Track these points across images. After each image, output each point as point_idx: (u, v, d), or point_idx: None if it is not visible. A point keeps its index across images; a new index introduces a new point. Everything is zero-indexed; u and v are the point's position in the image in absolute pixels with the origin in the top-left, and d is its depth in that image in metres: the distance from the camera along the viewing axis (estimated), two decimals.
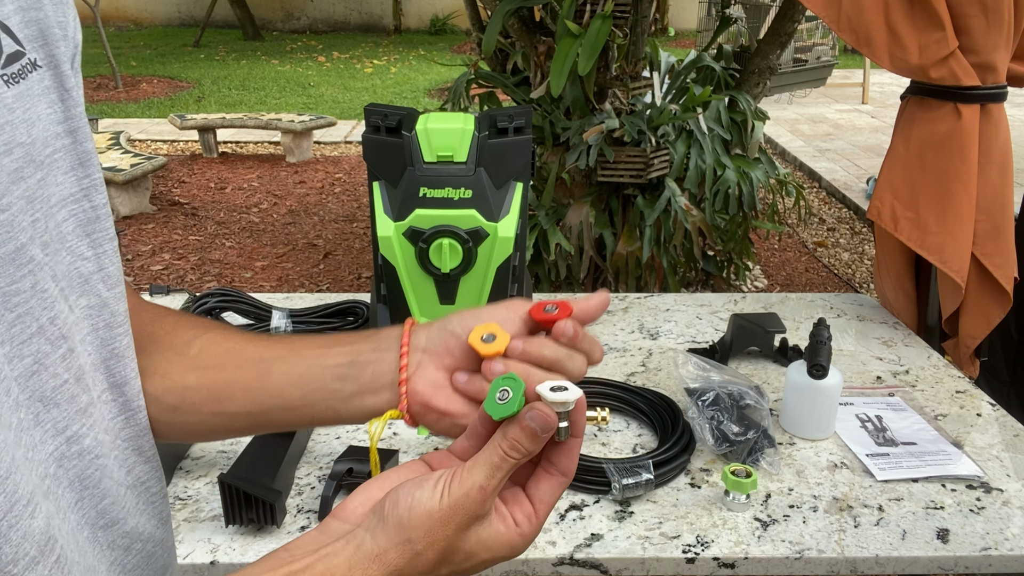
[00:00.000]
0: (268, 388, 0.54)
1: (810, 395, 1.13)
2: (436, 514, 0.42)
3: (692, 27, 11.42)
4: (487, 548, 0.45)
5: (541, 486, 0.47)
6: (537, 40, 2.92)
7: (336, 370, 0.54)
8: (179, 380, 0.55)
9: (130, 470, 0.50)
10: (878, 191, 1.52)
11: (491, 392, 0.45)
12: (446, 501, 0.43)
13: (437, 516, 0.42)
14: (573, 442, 0.46)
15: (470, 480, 0.43)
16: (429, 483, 0.43)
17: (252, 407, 0.55)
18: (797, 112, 7.81)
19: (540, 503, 0.46)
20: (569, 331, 0.50)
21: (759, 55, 3.26)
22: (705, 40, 6.36)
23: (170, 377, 0.55)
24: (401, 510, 0.43)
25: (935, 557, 0.93)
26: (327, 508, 0.95)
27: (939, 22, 1.33)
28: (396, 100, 8.16)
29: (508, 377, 0.46)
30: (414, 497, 0.43)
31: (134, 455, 0.50)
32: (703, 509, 0.99)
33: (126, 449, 0.49)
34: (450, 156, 1.06)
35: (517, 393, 0.45)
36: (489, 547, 0.45)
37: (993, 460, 1.10)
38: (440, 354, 0.53)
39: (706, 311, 1.58)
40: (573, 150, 2.87)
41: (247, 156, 6.20)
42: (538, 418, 0.43)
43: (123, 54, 10.41)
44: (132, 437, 0.50)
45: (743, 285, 3.84)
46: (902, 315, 1.57)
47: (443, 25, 13.49)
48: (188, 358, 0.55)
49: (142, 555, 0.51)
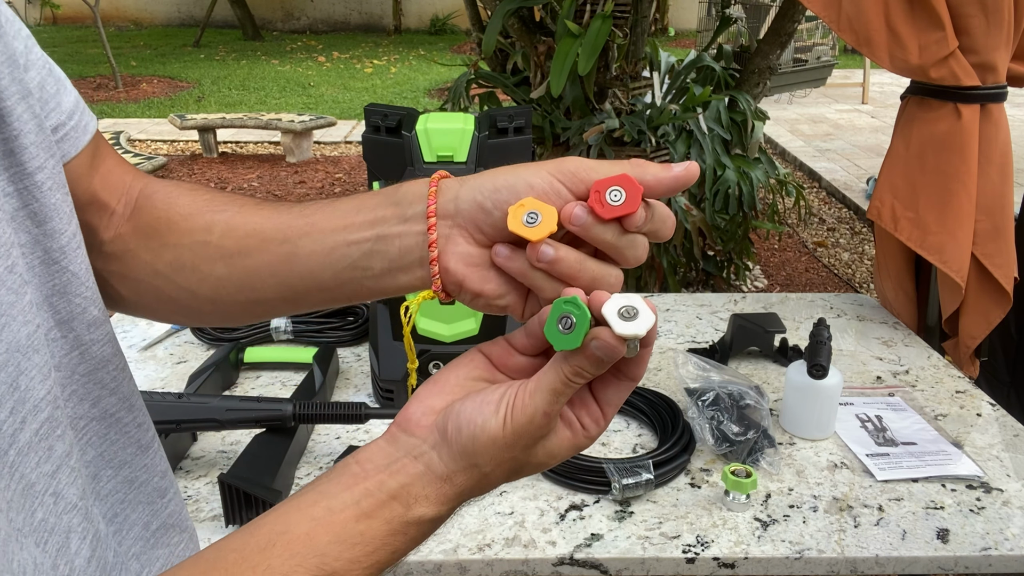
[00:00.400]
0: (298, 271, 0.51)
1: (810, 395, 1.13)
2: (500, 441, 0.42)
3: (692, 27, 11.42)
4: (552, 455, 0.44)
5: (609, 390, 0.44)
6: (537, 40, 2.92)
7: (363, 246, 0.49)
8: (209, 271, 0.53)
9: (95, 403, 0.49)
10: (878, 191, 1.52)
11: (552, 316, 0.41)
12: (509, 427, 0.42)
13: (501, 443, 0.42)
14: (644, 352, 0.43)
15: (532, 406, 0.42)
16: (490, 408, 0.42)
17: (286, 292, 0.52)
18: (797, 112, 7.81)
19: (608, 406, 0.45)
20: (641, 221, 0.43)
21: (759, 55, 3.26)
22: (705, 40, 6.36)
23: (200, 270, 0.53)
24: (465, 438, 0.42)
25: (935, 557, 0.93)
26: None
27: (939, 22, 1.33)
28: (396, 100, 8.16)
29: (571, 302, 0.40)
30: (477, 424, 0.42)
31: (97, 388, 0.49)
32: (703, 509, 0.99)
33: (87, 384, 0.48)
34: (450, 156, 1.06)
35: (582, 323, 0.40)
36: (555, 454, 0.44)
37: (993, 460, 1.10)
38: (470, 227, 0.47)
39: (706, 311, 1.58)
40: (573, 150, 2.87)
41: (247, 156, 6.20)
42: (604, 348, 0.40)
43: (123, 54, 10.41)
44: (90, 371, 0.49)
45: (743, 285, 3.84)
46: (902, 315, 1.57)
47: (443, 25, 13.49)
48: (212, 247, 0.53)
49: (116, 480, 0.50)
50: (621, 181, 0.42)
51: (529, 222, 0.43)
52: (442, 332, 1.13)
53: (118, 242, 0.55)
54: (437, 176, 0.49)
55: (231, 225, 0.53)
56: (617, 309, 0.40)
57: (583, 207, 0.43)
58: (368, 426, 1.14)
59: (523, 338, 0.46)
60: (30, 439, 0.40)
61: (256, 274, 0.52)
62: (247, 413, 1.00)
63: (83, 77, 9.03)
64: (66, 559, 0.42)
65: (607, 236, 0.43)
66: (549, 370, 0.42)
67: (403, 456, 0.43)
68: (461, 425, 0.42)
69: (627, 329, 0.39)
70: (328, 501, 0.42)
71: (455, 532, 0.93)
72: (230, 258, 0.52)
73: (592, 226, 0.43)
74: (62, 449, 0.43)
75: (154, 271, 0.54)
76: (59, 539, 0.41)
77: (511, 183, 0.45)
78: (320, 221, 0.50)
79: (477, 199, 0.46)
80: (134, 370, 1.31)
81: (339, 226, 0.50)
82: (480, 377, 0.46)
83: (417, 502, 0.42)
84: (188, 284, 0.53)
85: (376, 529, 0.42)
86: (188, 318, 0.57)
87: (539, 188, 0.44)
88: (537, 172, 0.45)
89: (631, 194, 0.42)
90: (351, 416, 1.00)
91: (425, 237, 0.47)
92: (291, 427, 1.03)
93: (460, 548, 0.91)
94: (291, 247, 0.51)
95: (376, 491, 0.42)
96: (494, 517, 0.96)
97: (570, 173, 0.44)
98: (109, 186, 0.55)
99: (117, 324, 1.46)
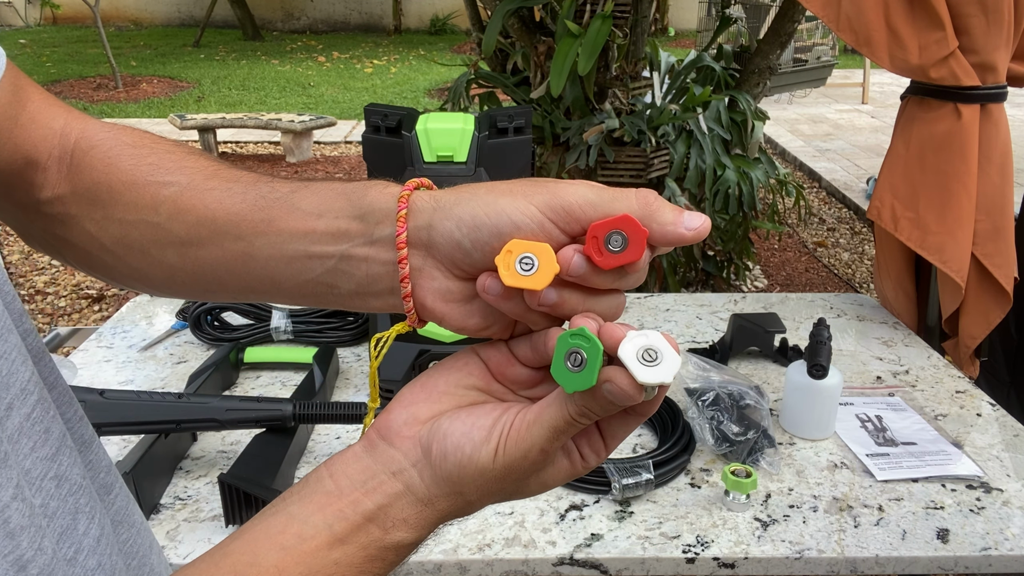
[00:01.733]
0: (256, 274, 0.45)
1: (810, 395, 1.13)
2: (489, 474, 0.38)
3: (692, 27, 11.42)
4: (547, 485, 0.41)
5: (615, 423, 0.40)
6: (537, 40, 2.92)
7: (326, 262, 0.43)
8: (160, 257, 0.47)
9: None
10: (878, 191, 1.52)
11: (558, 353, 0.35)
12: (500, 461, 0.38)
13: (490, 475, 0.38)
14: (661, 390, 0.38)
15: (529, 440, 0.38)
16: (481, 434, 0.38)
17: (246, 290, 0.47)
18: (797, 112, 7.81)
19: (612, 439, 0.41)
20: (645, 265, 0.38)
21: (759, 55, 3.26)
22: (705, 40, 6.36)
23: (150, 253, 0.47)
24: (451, 465, 0.39)
25: (935, 557, 0.93)
26: None
27: (939, 22, 1.33)
28: (396, 100, 8.16)
29: (579, 334, 0.35)
30: (464, 454, 0.38)
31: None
32: (703, 509, 0.99)
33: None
34: (450, 156, 1.06)
35: (595, 360, 0.34)
36: (549, 483, 0.41)
37: (993, 460, 1.10)
38: (447, 262, 0.41)
39: (706, 311, 1.58)
40: (573, 150, 2.87)
41: (247, 156, 6.20)
42: (621, 396, 0.35)
43: (123, 54, 10.41)
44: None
45: (743, 285, 3.84)
46: (902, 315, 1.57)
47: (443, 25, 13.49)
48: (161, 230, 0.47)
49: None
50: (623, 224, 0.36)
51: (524, 269, 0.37)
52: (441, 331, 1.12)
53: (57, 204, 0.48)
54: (407, 191, 0.42)
55: (179, 206, 0.46)
56: (637, 351, 0.34)
57: (581, 257, 0.37)
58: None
59: (527, 349, 0.41)
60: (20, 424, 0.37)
61: (211, 268, 0.46)
62: (247, 413, 1.00)
63: (83, 77, 9.03)
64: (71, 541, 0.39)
65: (606, 283, 0.38)
66: (552, 404, 0.38)
67: (381, 472, 0.40)
68: (448, 451, 0.39)
69: (651, 377, 0.34)
70: (299, 527, 0.39)
71: (455, 532, 0.93)
72: (182, 246, 0.46)
73: (590, 276, 0.38)
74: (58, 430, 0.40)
75: (101, 246, 0.48)
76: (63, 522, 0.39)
77: (493, 222, 0.38)
78: (278, 219, 0.44)
79: (455, 236, 0.40)
80: (134, 370, 1.31)
81: (299, 231, 0.44)
82: (474, 386, 0.42)
83: (396, 526, 0.39)
84: (140, 266, 0.47)
85: (352, 556, 0.39)
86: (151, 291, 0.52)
87: (527, 229, 0.38)
88: (524, 208, 0.38)
89: (634, 240, 0.36)
90: (351, 416, 1.00)
91: (395, 268, 0.41)
92: (291, 427, 1.03)
93: (460, 548, 0.91)
94: (246, 246, 0.45)
95: (351, 513, 0.39)
96: (494, 517, 0.96)
97: (563, 211, 0.38)
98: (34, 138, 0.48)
99: (116, 324, 1.46)
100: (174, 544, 0.92)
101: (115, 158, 0.48)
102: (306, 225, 0.44)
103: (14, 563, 0.33)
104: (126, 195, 0.47)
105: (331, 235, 0.43)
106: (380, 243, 0.42)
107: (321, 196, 0.45)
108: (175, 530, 0.94)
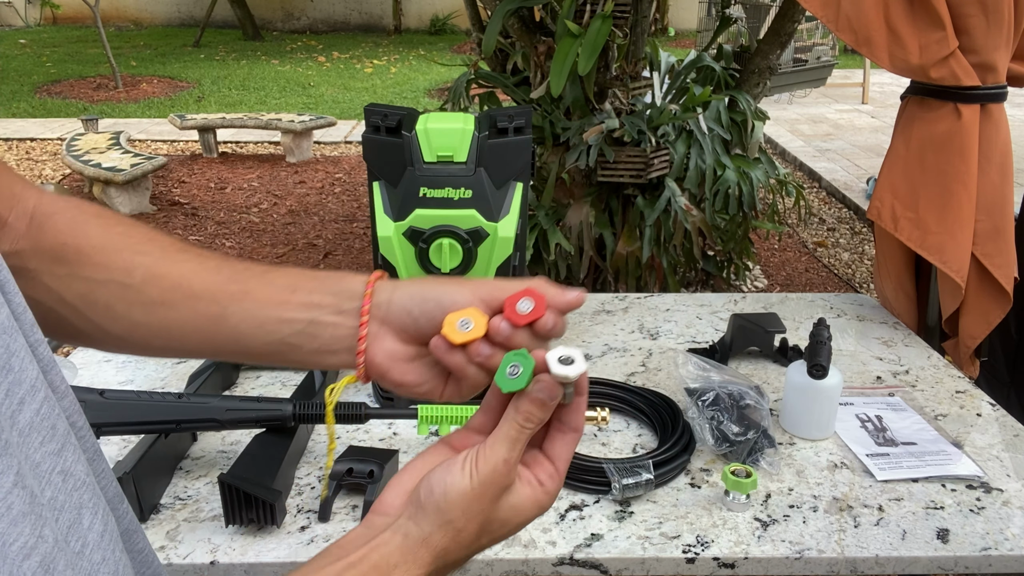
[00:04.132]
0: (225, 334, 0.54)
1: (810, 395, 1.13)
2: (469, 493, 0.46)
3: (692, 27, 11.42)
4: (518, 512, 0.48)
5: (556, 444, 0.50)
6: (537, 40, 2.92)
7: (295, 325, 0.54)
8: (125, 314, 0.54)
9: None
10: (878, 191, 1.52)
11: (502, 366, 0.48)
12: (476, 479, 0.46)
13: (471, 495, 0.46)
14: (579, 400, 0.49)
15: (494, 456, 0.46)
16: (456, 466, 0.47)
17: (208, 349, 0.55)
18: (797, 112, 7.81)
19: (559, 460, 0.50)
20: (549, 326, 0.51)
21: (759, 55, 3.26)
22: (705, 40, 6.36)
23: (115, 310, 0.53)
24: (437, 496, 0.46)
25: (935, 557, 0.93)
26: (327, 508, 0.95)
27: (939, 22, 1.33)
28: (396, 100, 8.16)
29: (519, 353, 0.48)
30: (446, 483, 0.46)
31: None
32: (703, 509, 0.99)
33: None
34: (450, 156, 1.06)
35: (527, 368, 0.47)
36: (520, 510, 0.48)
37: (993, 460, 1.10)
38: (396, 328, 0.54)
39: (706, 311, 1.58)
40: (573, 150, 2.87)
41: (247, 156, 6.20)
42: (545, 389, 0.47)
43: (123, 54, 10.41)
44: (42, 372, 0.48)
45: (743, 285, 3.84)
46: (902, 315, 1.57)
47: (443, 25, 13.48)
48: (133, 291, 0.54)
49: None
50: (527, 293, 0.51)
51: (464, 328, 0.51)
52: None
53: (15, 258, 0.53)
54: (374, 278, 0.56)
55: (154, 272, 0.54)
56: (557, 357, 0.47)
57: (504, 320, 0.51)
58: (368, 426, 1.14)
59: (480, 417, 0.51)
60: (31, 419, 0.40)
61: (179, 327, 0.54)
62: (247, 413, 1.00)
63: (83, 77, 9.03)
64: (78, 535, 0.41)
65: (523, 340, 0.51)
66: (503, 423, 0.48)
67: (381, 532, 0.47)
68: (432, 486, 0.47)
69: (563, 372, 0.46)
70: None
71: None
72: (151, 306, 0.54)
73: (512, 335, 0.51)
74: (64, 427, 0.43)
75: (60, 299, 0.54)
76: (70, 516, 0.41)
77: (438, 297, 0.53)
78: (255, 291, 0.54)
79: (407, 307, 0.54)
80: (134, 370, 1.31)
81: (274, 301, 0.54)
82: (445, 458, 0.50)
83: (397, 568, 0.45)
84: (99, 321, 0.54)
85: None
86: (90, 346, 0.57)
87: (461, 304, 0.52)
88: (460, 291, 0.53)
89: (538, 302, 0.51)
90: (351, 416, 1.00)
91: (356, 332, 0.54)
92: (291, 427, 1.03)
93: None
94: (220, 310, 0.54)
95: (358, 562, 0.45)
96: None
97: (487, 294, 0.53)
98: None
99: None
100: (174, 544, 0.92)
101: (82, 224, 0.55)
102: (281, 297, 0.54)
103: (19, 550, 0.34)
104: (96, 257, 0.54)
105: (304, 305, 0.54)
106: (346, 313, 0.54)
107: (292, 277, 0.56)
108: (175, 530, 0.94)
